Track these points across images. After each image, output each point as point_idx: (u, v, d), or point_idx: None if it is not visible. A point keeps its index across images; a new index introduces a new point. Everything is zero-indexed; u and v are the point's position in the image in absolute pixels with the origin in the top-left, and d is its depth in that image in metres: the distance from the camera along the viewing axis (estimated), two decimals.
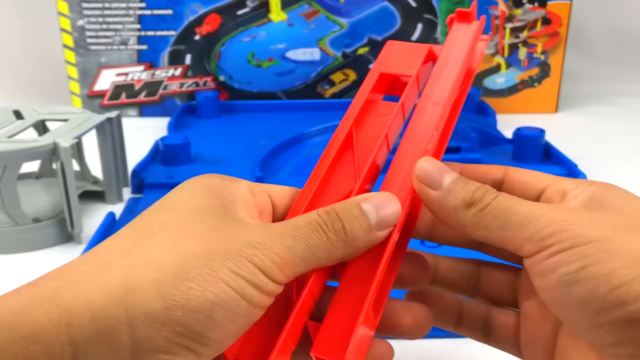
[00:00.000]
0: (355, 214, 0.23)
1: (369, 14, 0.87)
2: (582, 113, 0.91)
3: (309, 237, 0.22)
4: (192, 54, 0.88)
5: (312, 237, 0.22)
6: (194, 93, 0.87)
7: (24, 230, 0.51)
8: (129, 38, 0.87)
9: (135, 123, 0.88)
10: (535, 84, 0.91)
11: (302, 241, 0.22)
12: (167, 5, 0.86)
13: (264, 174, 0.63)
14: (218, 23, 0.87)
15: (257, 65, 0.89)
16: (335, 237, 0.23)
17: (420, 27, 0.88)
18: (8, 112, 0.58)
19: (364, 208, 0.24)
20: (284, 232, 0.22)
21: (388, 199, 0.24)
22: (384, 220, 0.24)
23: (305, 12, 0.87)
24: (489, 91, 0.91)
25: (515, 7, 0.87)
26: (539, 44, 0.88)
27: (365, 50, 0.89)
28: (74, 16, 0.85)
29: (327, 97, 0.91)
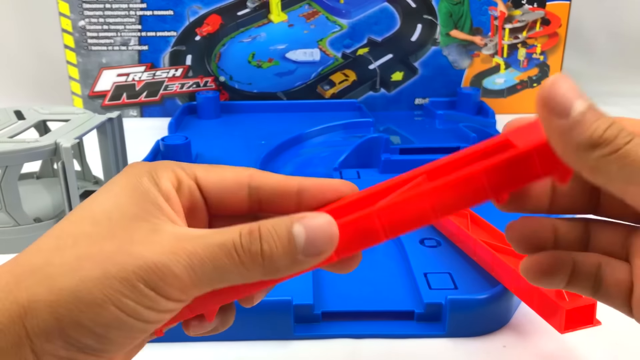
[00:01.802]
0: (282, 236, 0.21)
1: (369, 14, 0.87)
2: None
3: (219, 259, 0.21)
4: (193, 55, 0.89)
5: (223, 259, 0.21)
6: (195, 93, 0.88)
7: (25, 230, 0.51)
8: (130, 39, 0.87)
9: (136, 123, 0.88)
10: (534, 84, 0.91)
11: (209, 263, 0.21)
12: (168, 6, 0.86)
13: None
14: (218, 24, 0.87)
15: (258, 65, 0.89)
16: (250, 261, 0.21)
17: (419, 28, 0.88)
18: (9, 113, 0.59)
19: (293, 230, 0.22)
20: (192, 251, 0.21)
21: (325, 224, 0.22)
22: (314, 246, 0.22)
23: (306, 13, 0.87)
24: (488, 91, 0.91)
25: (515, 7, 0.87)
26: (538, 45, 0.89)
27: (365, 51, 0.89)
28: (75, 17, 0.86)
29: (327, 97, 0.91)
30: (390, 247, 0.49)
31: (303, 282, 0.42)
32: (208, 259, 0.21)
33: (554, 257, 0.26)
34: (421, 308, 0.41)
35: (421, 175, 0.24)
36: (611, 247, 0.26)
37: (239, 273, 0.21)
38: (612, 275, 0.25)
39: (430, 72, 0.90)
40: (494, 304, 0.40)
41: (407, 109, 0.92)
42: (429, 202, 0.23)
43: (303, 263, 0.22)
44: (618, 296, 0.25)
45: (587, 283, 0.26)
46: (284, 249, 0.21)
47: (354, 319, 0.41)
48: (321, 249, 0.22)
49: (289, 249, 0.21)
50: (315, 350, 0.40)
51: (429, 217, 0.23)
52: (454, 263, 0.45)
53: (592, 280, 0.26)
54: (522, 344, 0.40)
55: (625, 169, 0.19)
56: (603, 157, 0.20)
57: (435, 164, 0.24)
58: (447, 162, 0.24)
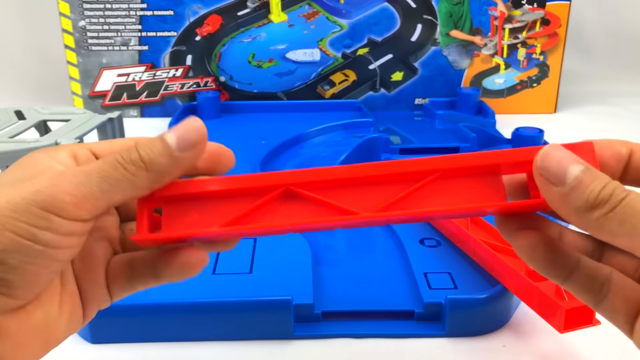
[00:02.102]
0: (156, 142, 0.24)
1: (369, 14, 0.87)
2: (581, 113, 0.91)
3: (104, 171, 0.23)
4: (193, 55, 0.89)
5: (108, 170, 0.23)
6: (195, 93, 0.88)
7: None
8: (130, 39, 0.87)
9: (137, 123, 0.88)
10: (534, 84, 0.91)
11: (96, 176, 0.23)
12: (168, 6, 0.86)
13: None
14: (219, 24, 0.87)
15: (258, 65, 0.90)
16: (133, 167, 0.23)
17: (419, 28, 0.88)
18: (10, 113, 0.59)
19: (165, 136, 0.24)
20: (77, 172, 0.23)
21: (188, 121, 0.25)
22: (184, 140, 0.24)
23: (306, 13, 0.87)
24: (488, 91, 0.91)
25: (514, 7, 0.87)
26: (538, 45, 0.89)
27: (365, 51, 0.89)
28: (75, 17, 0.86)
29: (327, 97, 0.91)
30: (390, 247, 0.49)
31: (303, 281, 0.43)
32: (94, 172, 0.23)
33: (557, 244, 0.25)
34: (421, 308, 0.41)
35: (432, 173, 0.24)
36: (624, 267, 0.26)
37: (125, 180, 0.23)
38: (623, 290, 0.25)
39: (430, 72, 0.90)
40: (493, 303, 0.41)
41: (407, 109, 0.92)
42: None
43: (182, 159, 0.24)
44: (623, 312, 0.25)
45: (589, 287, 0.25)
46: (160, 150, 0.24)
47: (354, 318, 0.42)
48: (193, 141, 0.24)
49: (164, 149, 0.24)
50: (315, 350, 0.40)
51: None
52: (454, 263, 0.46)
53: (597, 286, 0.25)
54: (522, 343, 0.40)
55: (626, 225, 0.20)
56: (603, 216, 0.21)
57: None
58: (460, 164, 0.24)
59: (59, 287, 0.25)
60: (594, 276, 0.25)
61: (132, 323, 0.40)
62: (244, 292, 0.42)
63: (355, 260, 0.48)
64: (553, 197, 0.22)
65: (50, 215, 0.22)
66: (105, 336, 0.40)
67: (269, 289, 0.42)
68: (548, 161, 0.22)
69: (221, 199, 0.25)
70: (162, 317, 0.40)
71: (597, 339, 0.40)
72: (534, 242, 0.25)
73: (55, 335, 0.25)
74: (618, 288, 0.25)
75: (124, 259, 0.27)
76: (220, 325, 0.40)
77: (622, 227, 0.21)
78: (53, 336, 0.25)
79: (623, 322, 0.25)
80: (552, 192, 0.22)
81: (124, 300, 0.40)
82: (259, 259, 0.46)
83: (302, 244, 0.48)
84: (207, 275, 0.44)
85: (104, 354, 0.40)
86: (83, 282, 0.27)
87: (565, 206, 0.22)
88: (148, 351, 0.40)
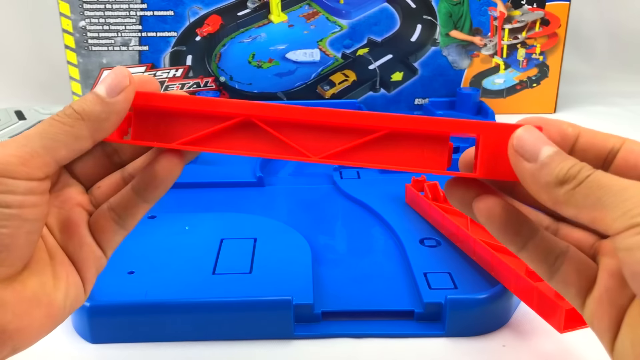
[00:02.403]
0: (86, 96, 0.26)
1: (369, 15, 0.87)
2: (581, 113, 0.91)
3: (42, 130, 0.25)
4: (193, 55, 0.89)
5: (46, 128, 0.25)
6: (195, 94, 0.88)
7: None
8: (130, 39, 0.87)
9: None
10: (533, 84, 0.91)
11: (35, 135, 0.24)
12: (168, 6, 0.86)
13: (264, 174, 0.64)
14: (219, 24, 0.87)
15: (258, 66, 0.90)
16: (70, 120, 0.25)
17: (419, 28, 0.88)
18: (10, 113, 0.59)
19: (94, 90, 0.26)
20: (17, 138, 0.25)
21: (114, 71, 0.27)
22: (112, 86, 0.26)
23: (306, 14, 0.88)
24: (488, 92, 0.91)
25: (514, 8, 0.87)
26: (538, 45, 0.89)
27: (365, 51, 0.89)
28: (75, 17, 0.86)
29: (327, 97, 0.91)
30: (390, 247, 0.49)
31: (303, 281, 0.43)
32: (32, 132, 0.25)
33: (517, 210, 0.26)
34: (421, 308, 0.41)
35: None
36: (579, 244, 0.27)
37: (64, 132, 0.25)
38: (576, 264, 0.26)
39: (430, 72, 0.90)
40: (493, 303, 0.41)
41: (407, 109, 0.92)
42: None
43: (115, 103, 0.26)
44: (575, 285, 0.26)
45: (545, 258, 0.26)
46: (92, 101, 0.26)
47: (354, 318, 0.42)
48: (121, 86, 0.26)
49: (96, 99, 0.26)
50: (315, 350, 0.40)
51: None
52: (454, 263, 0.46)
53: (552, 259, 0.26)
54: (522, 343, 0.40)
55: (590, 197, 0.22)
56: (570, 191, 0.23)
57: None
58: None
59: (48, 259, 0.26)
60: (551, 248, 0.26)
61: (132, 323, 0.40)
62: (244, 292, 0.42)
63: (355, 260, 0.48)
64: (525, 173, 0.24)
65: (2, 179, 0.23)
66: (105, 336, 0.40)
67: (269, 289, 0.42)
68: (524, 140, 0.24)
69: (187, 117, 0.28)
70: (162, 317, 0.40)
71: (597, 339, 0.40)
72: (493, 205, 0.26)
73: (56, 305, 0.26)
74: (572, 262, 0.26)
75: (103, 209, 0.29)
76: (220, 325, 0.40)
77: (586, 200, 0.22)
78: (54, 306, 0.26)
79: (574, 296, 0.26)
80: (525, 168, 0.24)
81: (124, 300, 0.41)
82: (259, 259, 0.46)
83: (302, 244, 0.48)
84: (207, 275, 0.44)
85: (104, 354, 0.40)
86: (70, 250, 0.28)
87: (536, 182, 0.24)
88: (148, 351, 0.40)
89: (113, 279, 0.43)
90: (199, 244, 0.48)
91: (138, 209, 0.29)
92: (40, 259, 0.26)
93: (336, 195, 0.60)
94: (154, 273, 0.44)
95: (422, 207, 0.53)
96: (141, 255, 0.46)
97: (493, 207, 0.26)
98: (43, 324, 0.26)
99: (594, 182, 0.22)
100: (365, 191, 0.59)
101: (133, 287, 0.42)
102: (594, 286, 0.26)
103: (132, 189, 0.29)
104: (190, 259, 0.46)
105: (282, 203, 0.59)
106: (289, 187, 0.62)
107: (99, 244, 0.29)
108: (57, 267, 0.27)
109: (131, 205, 0.29)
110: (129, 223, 0.29)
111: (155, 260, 0.46)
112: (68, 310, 0.27)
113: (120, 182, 0.30)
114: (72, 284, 0.27)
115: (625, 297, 0.24)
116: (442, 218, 0.49)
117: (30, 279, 0.25)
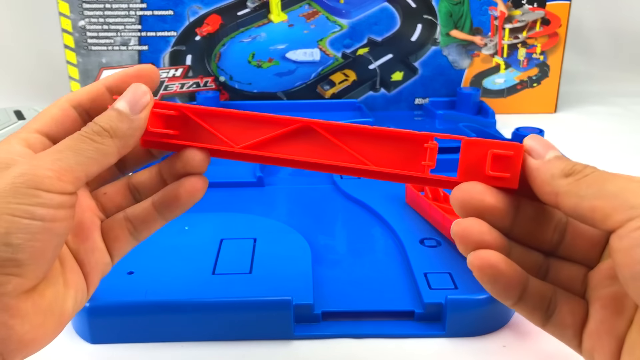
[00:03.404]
0: (109, 112, 0.27)
1: (369, 14, 0.87)
2: (581, 113, 0.91)
3: (74, 146, 0.25)
4: (193, 55, 0.89)
5: (77, 144, 0.25)
6: (195, 93, 0.88)
7: None
8: (130, 39, 0.87)
9: None
10: (534, 84, 0.91)
11: (69, 151, 0.25)
12: (168, 6, 0.86)
13: (264, 174, 0.64)
14: (218, 24, 0.87)
15: (258, 65, 0.90)
16: (99, 137, 0.26)
17: (419, 28, 0.88)
18: (10, 113, 0.59)
19: (116, 106, 0.27)
20: (49, 152, 0.25)
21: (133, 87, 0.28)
22: (136, 105, 0.27)
23: (306, 13, 0.87)
24: (488, 91, 0.91)
25: (515, 7, 0.87)
26: (538, 45, 0.89)
27: (365, 51, 0.89)
28: (75, 17, 0.86)
29: (327, 97, 0.91)
30: (390, 247, 0.49)
31: (303, 281, 0.42)
32: (65, 148, 0.25)
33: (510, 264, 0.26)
34: (421, 308, 0.41)
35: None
36: (570, 283, 0.27)
37: (95, 149, 0.25)
38: (569, 304, 0.26)
39: (430, 72, 0.90)
40: (494, 303, 0.41)
41: (407, 109, 0.92)
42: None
43: (139, 120, 0.27)
44: (571, 326, 0.26)
45: (540, 305, 0.26)
46: (118, 119, 0.26)
47: (354, 318, 0.42)
48: (142, 102, 0.27)
49: (122, 117, 0.27)
50: (315, 350, 0.40)
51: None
52: (454, 263, 0.46)
53: (545, 304, 0.26)
54: (522, 344, 0.40)
55: (593, 187, 0.23)
56: (574, 181, 0.24)
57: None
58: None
59: (59, 267, 0.27)
60: (543, 294, 0.27)
61: (132, 323, 0.40)
62: (244, 292, 0.42)
63: (355, 260, 0.48)
64: (531, 167, 0.26)
65: (39, 191, 0.23)
66: (105, 336, 0.40)
67: (269, 289, 0.42)
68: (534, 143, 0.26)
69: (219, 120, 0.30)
70: (162, 317, 0.40)
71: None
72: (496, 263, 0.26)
73: (65, 312, 0.26)
74: (564, 303, 0.26)
75: (119, 218, 0.30)
76: (220, 325, 0.40)
77: (589, 189, 0.23)
78: (64, 314, 0.26)
79: (572, 337, 0.26)
80: (532, 164, 0.26)
81: (124, 300, 0.41)
82: (259, 259, 0.46)
83: (302, 244, 0.48)
84: (207, 275, 0.44)
85: (103, 354, 0.40)
86: (82, 254, 0.28)
87: (541, 173, 0.25)
88: (148, 351, 0.40)
89: (113, 279, 0.42)
90: (198, 244, 0.48)
91: (155, 223, 0.30)
92: (54, 269, 0.26)
93: (336, 195, 0.60)
94: (154, 273, 0.44)
95: (422, 207, 0.53)
96: (141, 255, 0.46)
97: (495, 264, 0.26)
98: (54, 332, 0.26)
99: (598, 174, 0.24)
100: (365, 191, 0.59)
101: (133, 287, 0.42)
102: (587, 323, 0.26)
103: (152, 205, 0.30)
104: (190, 259, 0.46)
105: (282, 203, 0.59)
106: (289, 187, 0.62)
107: (109, 251, 0.29)
108: (67, 274, 0.27)
109: (149, 220, 0.30)
110: (142, 235, 0.30)
111: (155, 260, 0.46)
112: (73, 315, 0.27)
113: (126, 191, 0.31)
114: (79, 291, 0.27)
115: (621, 324, 0.24)
116: (442, 218, 0.49)
117: (47, 290, 0.25)
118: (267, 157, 0.30)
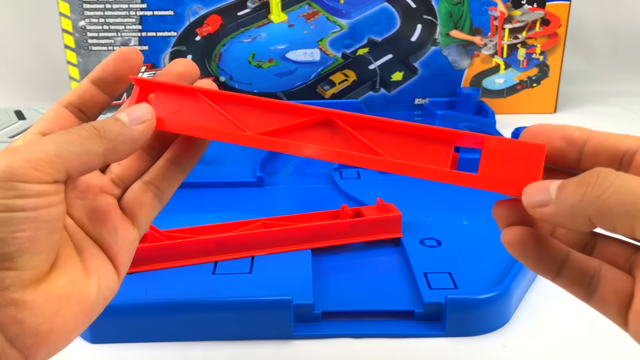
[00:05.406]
0: (107, 119, 0.27)
1: (369, 15, 0.87)
2: (581, 113, 0.91)
3: (57, 137, 0.25)
4: (193, 55, 0.89)
5: (61, 136, 0.25)
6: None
7: None
8: (130, 39, 0.87)
9: None
10: (534, 84, 0.91)
11: (49, 141, 0.24)
12: (168, 6, 0.86)
13: (264, 174, 0.64)
14: (219, 24, 0.87)
15: (258, 65, 0.90)
16: (86, 133, 0.25)
17: (419, 28, 0.88)
18: (10, 113, 0.59)
19: (115, 114, 0.27)
20: (29, 143, 0.25)
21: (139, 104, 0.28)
22: (136, 118, 0.27)
23: (306, 13, 0.87)
24: (488, 91, 0.91)
25: (514, 8, 0.87)
26: (538, 45, 0.89)
27: (365, 51, 0.89)
28: (75, 17, 0.86)
29: (327, 97, 0.91)
30: (390, 247, 0.49)
31: (303, 281, 0.43)
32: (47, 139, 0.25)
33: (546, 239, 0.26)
34: (421, 308, 0.41)
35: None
36: (616, 258, 0.26)
37: (79, 144, 0.25)
38: (613, 282, 0.25)
39: (430, 72, 0.90)
40: (493, 303, 0.41)
41: (407, 109, 0.92)
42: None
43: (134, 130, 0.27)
44: (614, 303, 0.25)
45: (580, 281, 0.26)
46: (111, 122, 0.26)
47: (354, 318, 0.42)
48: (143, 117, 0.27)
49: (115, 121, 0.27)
50: (315, 350, 0.40)
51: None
52: (454, 263, 0.46)
53: (587, 280, 0.26)
54: (522, 343, 0.40)
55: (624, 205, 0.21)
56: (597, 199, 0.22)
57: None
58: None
59: (76, 255, 0.26)
60: (584, 270, 0.26)
61: (132, 323, 0.40)
62: (244, 292, 0.42)
63: (355, 260, 0.48)
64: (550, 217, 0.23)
65: (14, 183, 0.23)
66: (105, 336, 0.40)
67: (269, 289, 0.42)
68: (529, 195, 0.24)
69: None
70: (162, 317, 0.40)
71: (597, 339, 0.40)
72: (525, 239, 0.25)
73: (88, 300, 0.26)
74: (608, 280, 0.25)
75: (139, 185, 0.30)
76: (220, 325, 0.40)
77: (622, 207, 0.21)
78: (85, 302, 0.26)
79: (615, 314, 0.25)
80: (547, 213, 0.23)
81: (124, 300, 0.41)
82: (259, 259, 0.46)
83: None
84: (207, 275, 0.44)
85: (103, 354, 0.40)
86: (105, 237, 0.28)
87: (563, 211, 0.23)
88: (148, 351, 0.40)
89: None
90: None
91: (175, 179, 0.31)
92: (67, 257, 0.26)
93: (336, 195, 0.60)
94: (154, 273, 0.44)
95: None
96: None
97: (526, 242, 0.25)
98: (77, 321, 0.25)
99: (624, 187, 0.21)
100: (365, 191, 0.59)
101: (133, 287, 0.42)
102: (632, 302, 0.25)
103: (168, 161, 0.30)
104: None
105: (282, 203, 0.59)
106: (289, 187, 0.62)
107: (136, 222, 0.29)
108: (87, 261, 0.27)
109: (169, 176, 0.30)
110: (166, 195, 0.31)
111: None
112: (102, 303, 0.27)
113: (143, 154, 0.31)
114: (104, 276, 0.27)
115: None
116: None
117: (60, 279, 0.25)
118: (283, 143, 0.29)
